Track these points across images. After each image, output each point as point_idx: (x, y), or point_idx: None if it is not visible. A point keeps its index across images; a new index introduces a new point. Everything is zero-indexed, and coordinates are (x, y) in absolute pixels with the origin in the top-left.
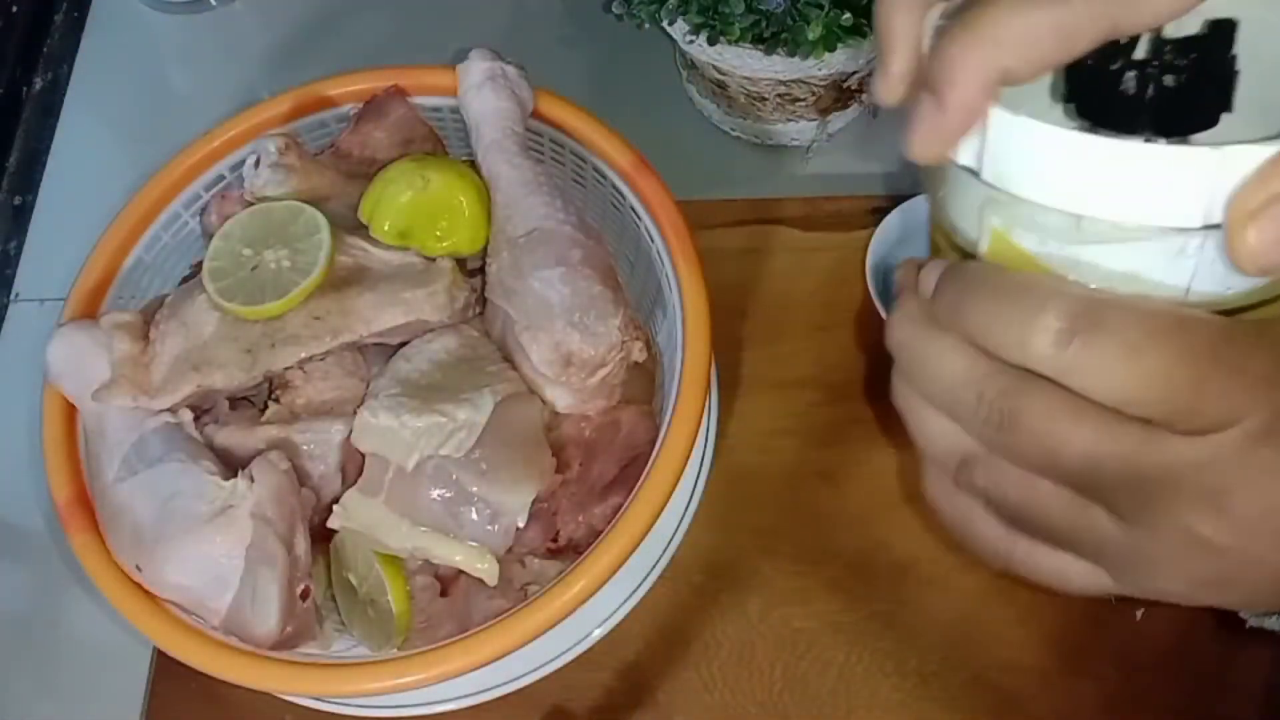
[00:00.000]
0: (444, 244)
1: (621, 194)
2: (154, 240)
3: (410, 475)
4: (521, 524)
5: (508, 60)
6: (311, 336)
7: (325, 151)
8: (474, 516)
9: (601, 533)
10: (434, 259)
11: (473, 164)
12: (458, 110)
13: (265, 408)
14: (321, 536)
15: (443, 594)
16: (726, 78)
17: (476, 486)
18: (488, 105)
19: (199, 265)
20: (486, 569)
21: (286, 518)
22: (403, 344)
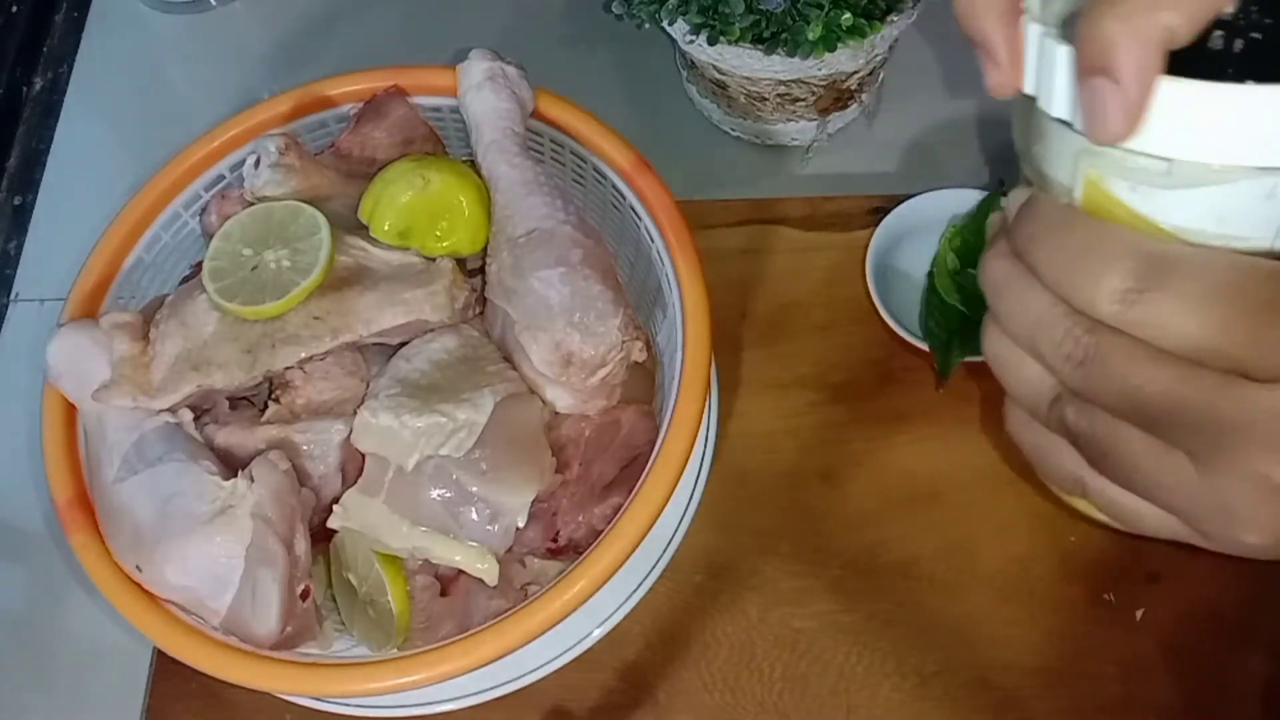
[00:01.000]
0: (444, 244)
1: (621, 194)
2: (154, 240)
3: (410, 475)
4: (521, 524)
5: (508, 60)
6: (311, 336)
7: (325, 151)
8: (474, 516)
9: (601, 533)
10: (434, 259)
11: (473, 164)
12: (458, 110)
13: (265, 408)
14: (321, 536)
15: (443, 594)
16: (726, 78)
17: (476, 486)
18: (488, 105)
19: (199, 265)
20: (486, 569)
21: (286, 518)
22: (403, 344)
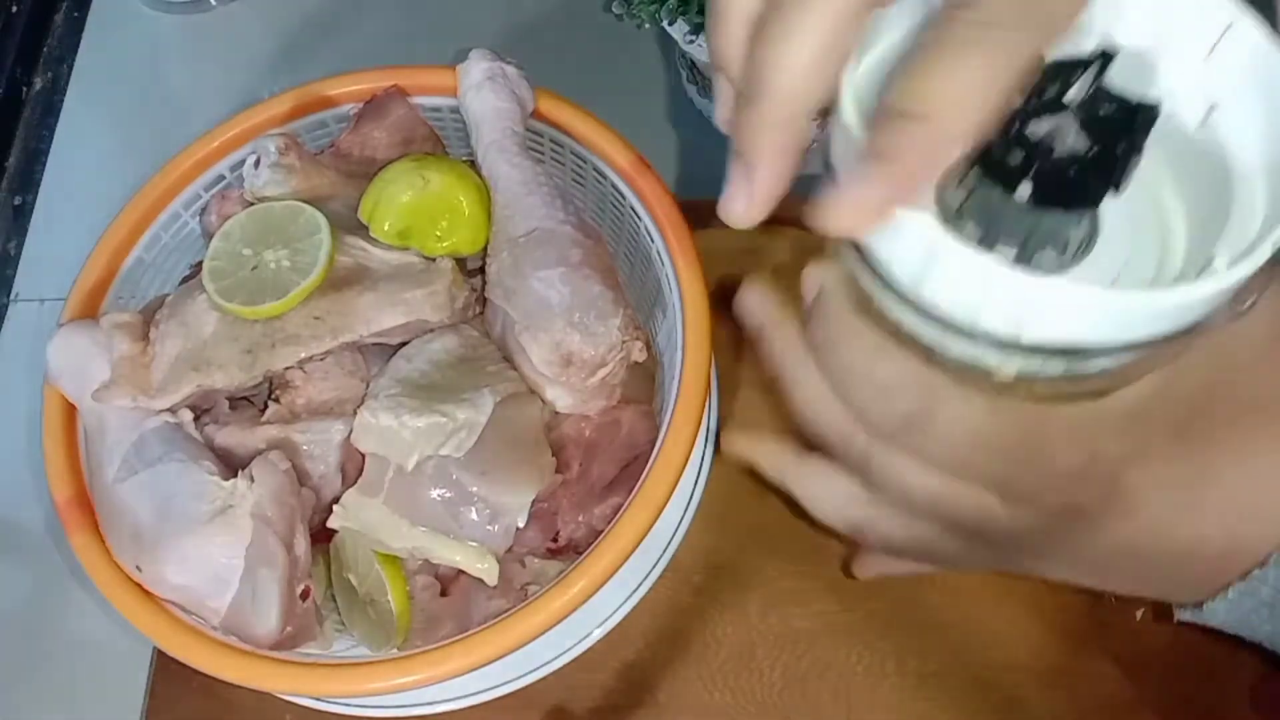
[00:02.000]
0: (444, 244)
1: (621, 194)
2: (154, 240)
3: (410, 475)
4: (521, 524)
5: (508, 60)
6: (311, 336)
7: (325, 151)
8: (474, 516)
9: (601, 533)
10: (434, 259)
11: (473, 164)
12: (458, 110)
13: (265, 408)
14: (321, 536)
15: (443, 594)
16: None
17: (476, 486)
18: (488, 105)
19: (199, 265)
20: (486, 569)
21: (286, 518)
22: (403, 344)
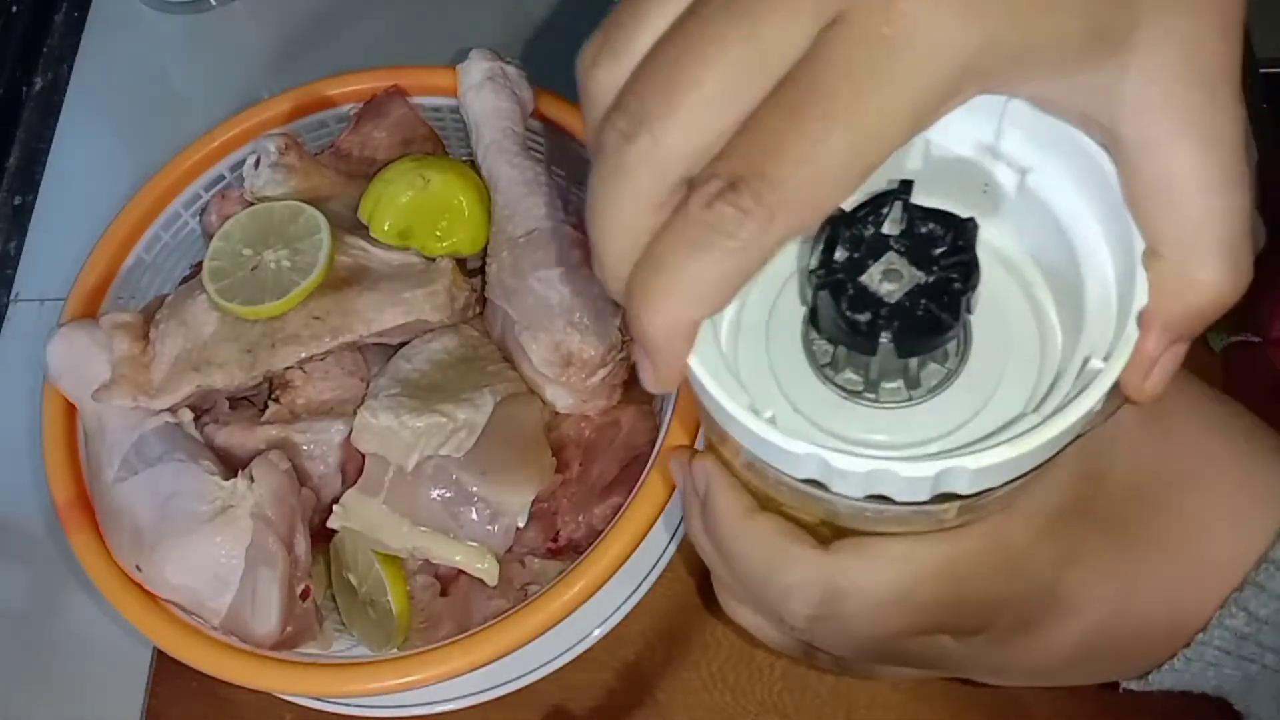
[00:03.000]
0: (444, 244)
1: None
2: (154, 240)
3: (410, 475)
4: (521, 524)
5: (508, 60)
6: (311, 336)
7: (325, 151)
8: (474, 516)
9: (601, 533)
10: (434, 259)
11: (473, 164)
12: (458, 110)
13: (265, 408)
14: (321, 536)
15: (443, 594)
16: None
17: (476, 486)
18: (488, 105)
19: (199, 265)
20: (486, 569)
21: (287, 518)
22: (403, 344)
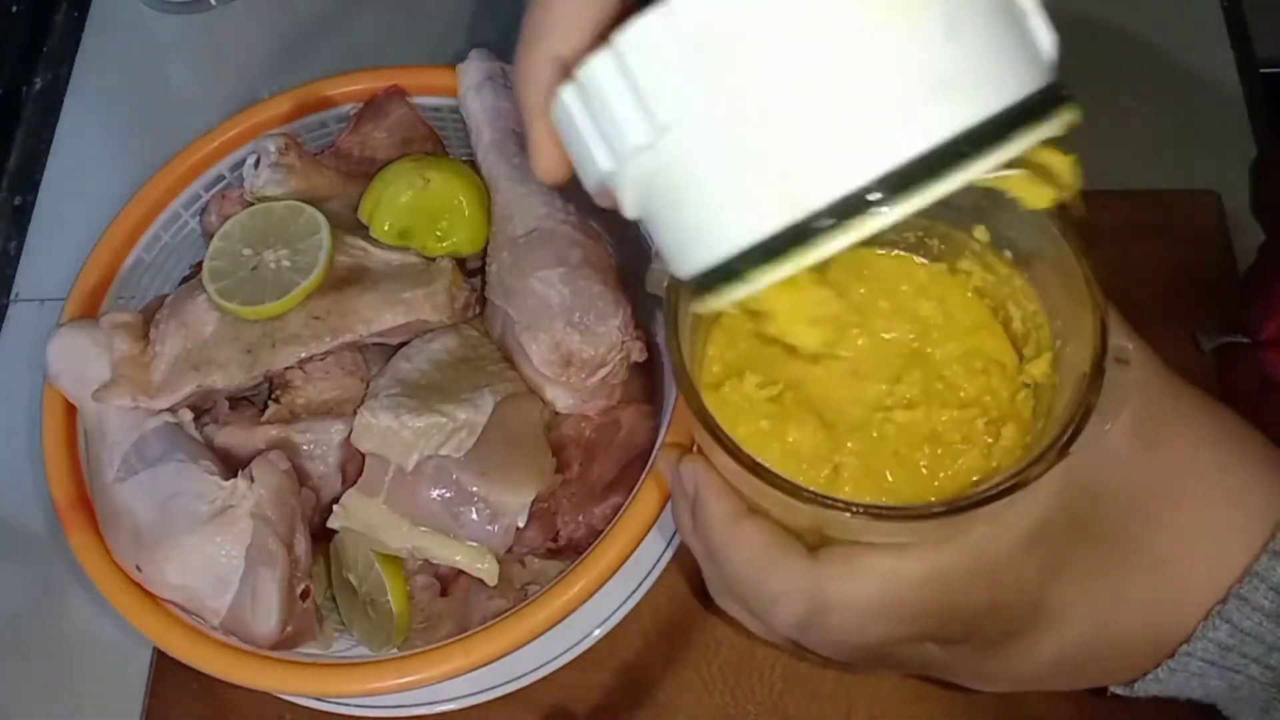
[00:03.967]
0: (444, 244)
1: None
2: (154, 240)
3: (410, 475)
4: (521, 524)
5: (508, 60)
6: (311, 336)
7: (325, 151)
8: (474, 516)
9: (601, 533)
10: (434, 259)
11: (473, 164)
12: (458, 110)
13: (265, 408)
14: (321, 536)
15: (443, 594)
16: None
17: (476, 486)
18: (488, 105)
19: (199, 265)
20: (486, 569)
21: (287, 518)
22: (403, 344)
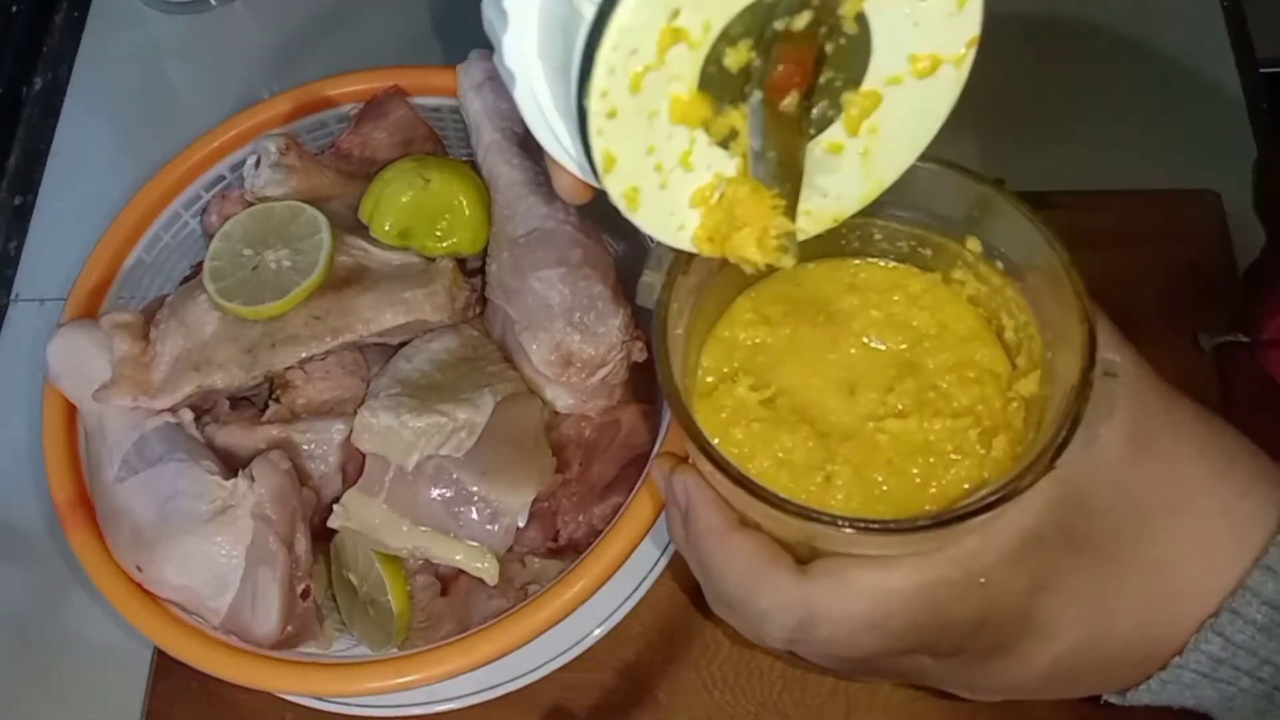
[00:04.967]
0: (444, 244)
1: None
2: (154, 240)
3: (410, 475)
4: (522, 524)
5: None
6: (312, 336)
7: (325, 151)
8: (474, 516)
9: (601, 533)
10: (434, 259)
11: (473, 164)
12: (458, 110)
13: (265, 407)
14: (322, 536)
15: (443, 594)
16: None
17: (477, 486)
18: (488, 105)
19: (199, 265)
20: (487, 568)
21: (287, 517)
22: (403, 344)
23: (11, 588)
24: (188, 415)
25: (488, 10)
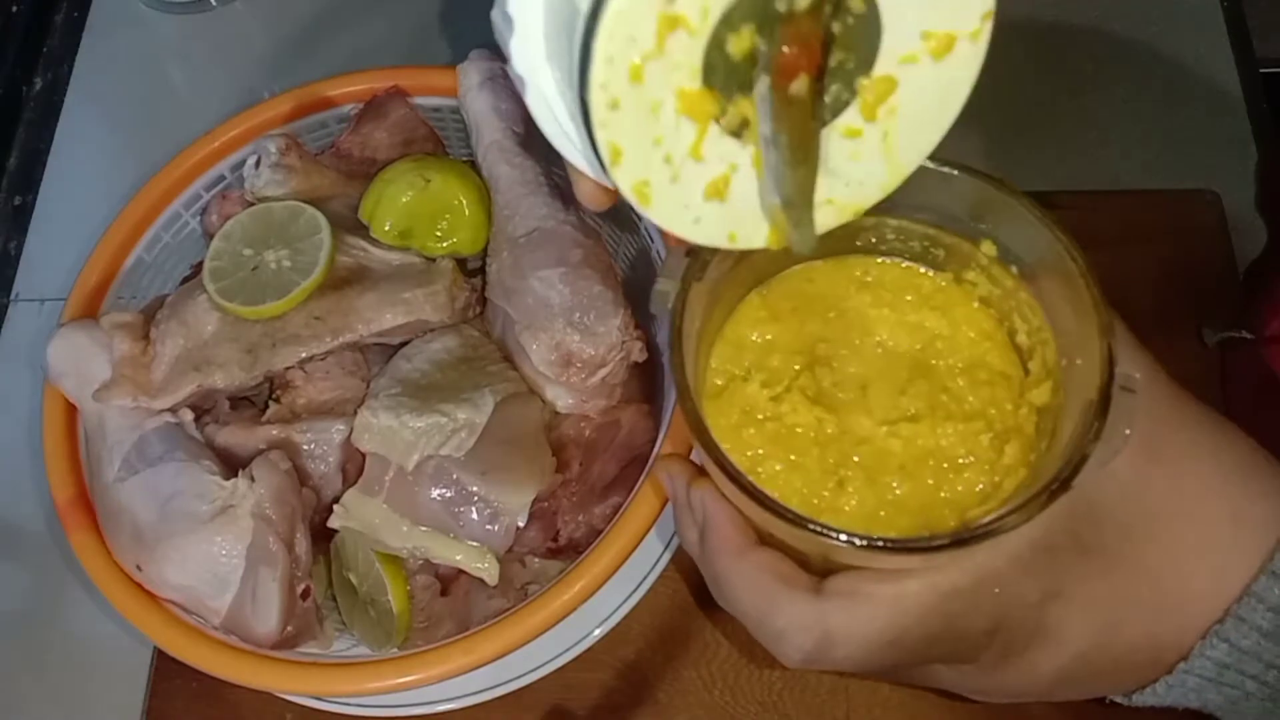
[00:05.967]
0: (444, 244)
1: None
2: (154, 240)
3: (410, 475)
4: (522, 524)
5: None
6: (312, 336)
7: (325, 152)
8: (474, 516)
9: (601, 533)
10: (434, 259)
11: (473, 164)
12: (458, 110)
13: (266, 407)
14: (322, 536)
15: (443, 594)
16: None
17: (477, 486)
18: (488, 105)
19: (199, 265)
20: (487, 568)
21: (287, 517)
22: (403, 344)
23: (11, 588)
24: (188, 415)
25: (496, 16)
